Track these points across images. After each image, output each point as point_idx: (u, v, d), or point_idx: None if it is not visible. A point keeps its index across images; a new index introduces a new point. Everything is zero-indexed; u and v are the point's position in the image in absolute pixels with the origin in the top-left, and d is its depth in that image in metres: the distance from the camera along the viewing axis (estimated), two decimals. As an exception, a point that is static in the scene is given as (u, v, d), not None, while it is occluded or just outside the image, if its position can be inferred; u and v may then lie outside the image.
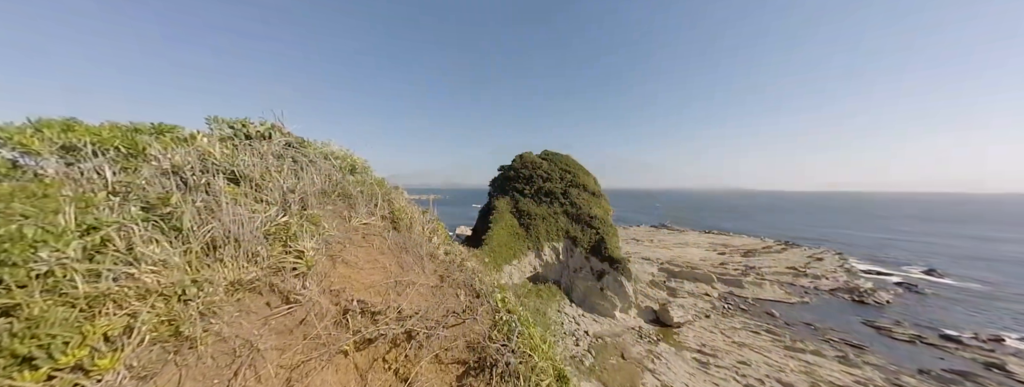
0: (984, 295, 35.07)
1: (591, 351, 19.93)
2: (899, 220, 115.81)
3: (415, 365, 2.05)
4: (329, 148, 3.94)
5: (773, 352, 22.17)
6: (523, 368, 2.56)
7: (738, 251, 53.04)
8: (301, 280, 1.94)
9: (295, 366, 1.56)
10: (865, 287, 35.97)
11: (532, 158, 49.58)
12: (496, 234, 30.79)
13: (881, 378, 19.18)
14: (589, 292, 28.75)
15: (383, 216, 3.51)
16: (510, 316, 3.21)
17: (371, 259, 2.70)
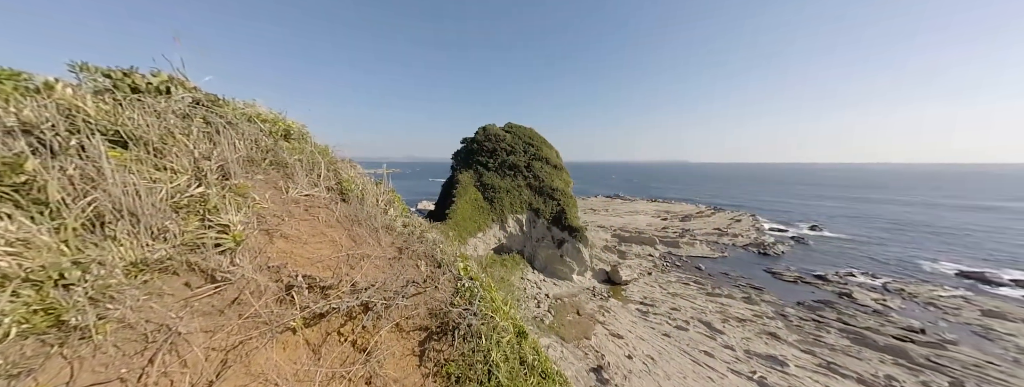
0: (847, 244, 45.53)
1: (551, 311, 22.02)
2: (802, 187, 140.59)
3: (374, 335, 2.04)
4: (254, 109, 3.34)
5: (698, 298, 26.77)
6: (485, 328, 2.70)
7: (677, 216, 60.34)
8: (228, 257, 1.71)
9: (232, 347, 1.43)
10: (768, 242, 44.16)
11: (496, 130, 48.40)
12: (460, 208, 30.63)
13: (772, 310, 24.54)
14: (550, 259, 30.90)
15: (329, 187, 3.19)
16: (472, 283, 3.30)
17: (317, 233, 2.49)
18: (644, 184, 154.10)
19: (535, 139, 46.50)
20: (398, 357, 2.10)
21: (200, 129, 2.48)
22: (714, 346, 19.66)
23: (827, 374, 17.23)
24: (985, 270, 33.84)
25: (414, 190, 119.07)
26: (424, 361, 2.19)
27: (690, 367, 17.18)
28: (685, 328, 21.81)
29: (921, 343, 19.93)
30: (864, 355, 18.89)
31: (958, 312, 24.24)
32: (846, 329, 21.70)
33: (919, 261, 37.87)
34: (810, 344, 20.06)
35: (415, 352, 2.21)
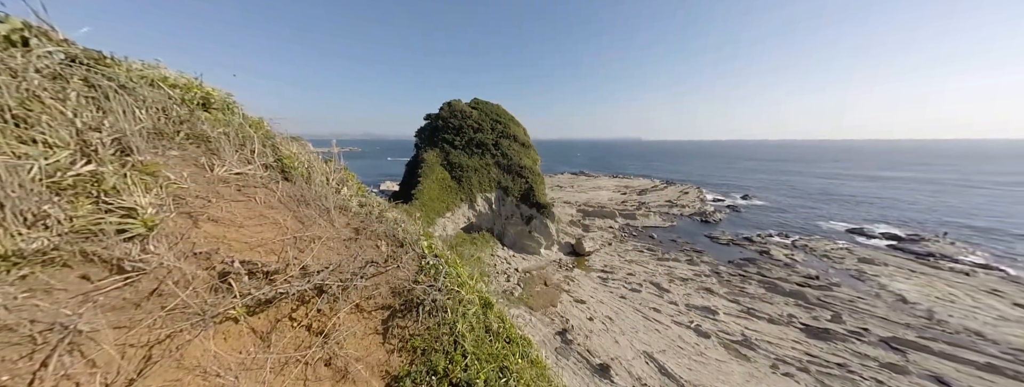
0: (770, 210, 53.24)
1: (520, 284, 23.23)
2: (740, 162, 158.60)
3: (331, 318, 1.97)
4: (157, 72, 2.75)
5: (650, 263, 29.99)
6: (450, 302, 2.75)
7: (635, 191, 65.04)
8: (139, 244, 1.48)
9: (157, 341, 1.29)
10: (709, 211, 50.01)
11: (461, 107, 46.24)
12: (427, 188, 29.70)
13: (709, 269, 28.46)
14: (519, 235, 31.91)
15: (266, 165, 2.85)
16: (437, 260, 3.29)
17: (255, 215, 2.24)
18: (607, 161, 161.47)
19: (503, 116, 45.41)
20: (360, 337, 2.08)
21: (81, 93, 1.99)
22: (661, 303, 22.57)
23: (747, 318, 20.92)
24: (863, 226, 42.30)
25: (374, 170, 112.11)
26: (388, 338, 2.20)
27: (642, 322, 19.67)
28: (638, 290, 24.56)
29: (815, 287, 24.84)
30: (774, 300, 23.12)
31: (842, 261, 30.31)
32: (763, 280, 26.13)
33: (819, 222, 46.01)
34: (736, 295, 23.94)
35: (378, 330, 2.20)
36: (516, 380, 2.44)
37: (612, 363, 15.11)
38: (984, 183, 79.55)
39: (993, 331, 18.97)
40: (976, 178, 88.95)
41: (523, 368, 2.72)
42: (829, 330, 19.35)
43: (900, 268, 28.27)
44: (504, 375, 2.49)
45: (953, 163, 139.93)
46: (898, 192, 68.35)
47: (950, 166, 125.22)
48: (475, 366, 2.33)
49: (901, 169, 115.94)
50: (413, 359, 2.19)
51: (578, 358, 15.36)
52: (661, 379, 14.50)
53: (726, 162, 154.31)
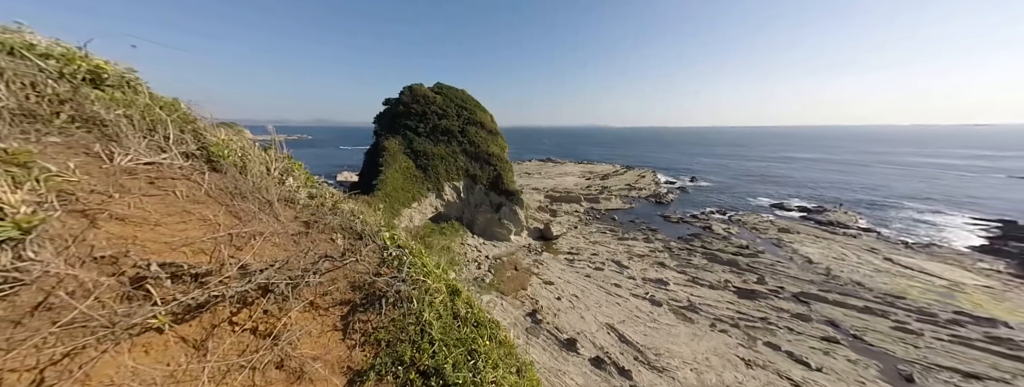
0: (713, 190, 59.64)
1: (491, 270, 23.62)
2: (691, 146, 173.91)
3: (281, 318, 1.83)
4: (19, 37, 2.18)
5: (611, 243, 32.24)
6: (416, 292, 2.71)
7: (598, 176, 68.35)
8: (9, 251, 1.21)
9: (51, 362, 1.10)
10: (662, 192, 54.60)
11: (424, 91, 43.79)
12: (390, 178, 28.18)
13: (661, 245, 31.43)
14: (489, 223, 32.05)
15: (187, 153, 2.47)
16: (400, 251, 3.19)
17: (177, 211, 1.96)
18: (572, 148, 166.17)
19: (468, 102, 43.96)
20: (316, 335, 1.97)
21: None
22: (621, 279, 24.62)
23: (692, 286, 23.75)
24: (782, 201, 49.56)
25: (327, 159, 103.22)
26: (349, 334, 2.12)
27: (604, 298, 21.35)
28: (602, 268, 26.42)
29: (745, 255, 28.83)
30: (714, 268, 26.46)
31: (766, 231, 35.38)
32: (705, 252, 29.64)
33: (749, 199, 52.90)
34: (684, 266, 26.92)
35: (337, 327, 2.11)
36: (484, 361, 2.51)
37: (578, 337, 16.34)
38: (871, 162, 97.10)
39: (870, 281, 23.92)
40: (866, 158, 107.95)
41: (491, 349, 2.80)
42: (755, 290, 22.84)
43: (808, 235, 33.88)
44: (473, 357, 2.56)
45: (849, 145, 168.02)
46: (808, 171, 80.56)
47: (846, 148, 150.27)
48: (443, 352, 2.35)
49: (811, 151, 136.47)
50: (377, 352, 2.14)
51: (547, 335, 16.34)
52: (621, 346, 16.09)
53: (678, 147, 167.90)
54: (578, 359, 14.84)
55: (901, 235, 34.96)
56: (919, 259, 27.74)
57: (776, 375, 14.56)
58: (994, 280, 24.08)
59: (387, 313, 2.43)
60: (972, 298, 21.50)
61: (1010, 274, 25.24)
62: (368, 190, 26.28)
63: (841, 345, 17.00)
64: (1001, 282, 23.81)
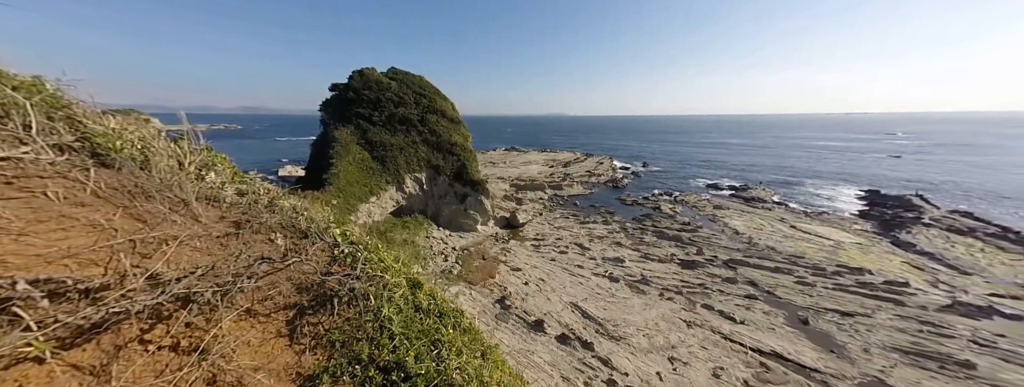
0: (662, 174, 65.58)
1: (458, 262, 23.52)
2: (644, 134, 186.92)
3: (210, 330, 1.64)
4: None
5: (574, 227, 33.98)
6: (373, 289, 2.60)
7: (561, 163, 70.60)
8: None
9: None
10: (618, 177, 58.49)
11: (377, 77, 40.42)
12: (343, 171, 25.99)
13: (618, 226, 33.97)
14: (454, 214, 31.54)
15: (63, 146, 2.02)
16: (353, 247, 3.02)
17: (49, 217, 1.61)
18: (536, 136, 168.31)
19: (427, 89, 41.65)
20: (257, 344, 1.81)
21: None
22: (583, 260, 26.26)
23: (644, 261, 26.28)
24: (716, 181, 56.44)
25: (265, 152, 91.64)
26: (297, 339, 1.98)
27: (569, 279, 22.66)
28: (565, 252, 27.85)
29: (687, 231, 32.53)
30: (662, 244, 29.50)
31: (704, 209, 40.16)
32: (655, 230, 32.81)
33: (690, 180, 59.29)
34: (637, 244, 29.56)
35: (282, 333, 1.96)
36: (448, 349, 2.54)
37: (545, 317, 17.28)
38: (780, 145, 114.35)
39: (780, 245, 28.75)
40: (777, 142, 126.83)
41: (455, 337, 2.83)
42: (695, 261, 26.08)
43: (735, 210, 39.25)
44: (437, 347, 2.57)
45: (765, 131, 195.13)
46: (736, 155, 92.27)
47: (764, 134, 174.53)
48: (405, 345, 2.32)
49: (738, 137, 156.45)
50: (331, 353, 2.04)
51: (516, 320, 17.00)
52: (584, 322, 17.41)
53: (632, 135, 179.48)
54: (545, 338, 15.76)
55: (802, 206, 42.40)
56: (814, 225, 33.96)
57: (711, 331, 17.08)
58: (863, 238, 30.58)
59: (341, 313, 2.31)
60: (848, 253, 27.16)
61: (874, 232, 32.24)
62: (318, 185, 23.97)
63: (759, 300, 20.44)
64: (867, 239, 30.35)
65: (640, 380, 13.41)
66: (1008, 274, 23.87)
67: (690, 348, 15.57)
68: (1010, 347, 15.99)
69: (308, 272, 2.42)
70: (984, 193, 47.70)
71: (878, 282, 22.40)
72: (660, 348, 15.56)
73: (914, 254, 27.26)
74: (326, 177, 24.69)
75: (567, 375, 13.46)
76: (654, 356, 15.00)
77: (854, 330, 17.38)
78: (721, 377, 13.79)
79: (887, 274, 23.46)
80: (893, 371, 14.43)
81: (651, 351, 15.33)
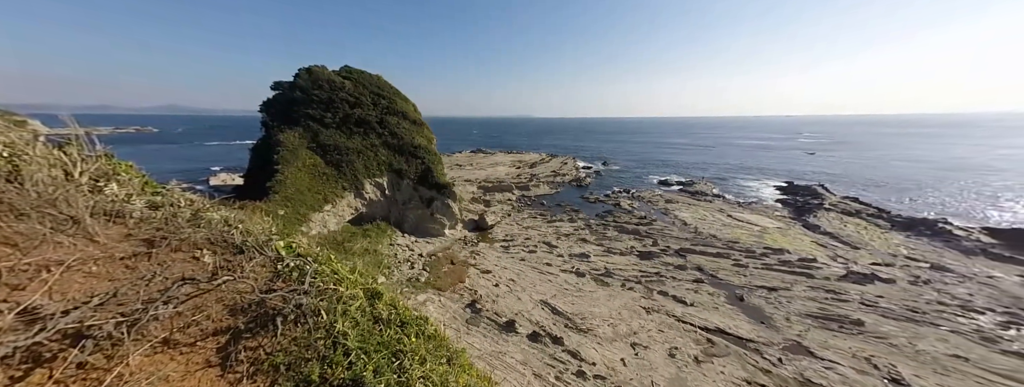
0: (621, 172, 70.11)
1: (426, 268, 22.70)
2: (605, 134, 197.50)
3: (111, 370, 1.41)
4: None
5: (542, 227, 34.77)
6: (325, 303, 2.43)
7: (528, 164, 71.85)
8: None
9: None
10: (582, 177, 61.22)
11: (328, 76, 37.55)
12: (290, 178, 23.63)
13: (583, 223, 35.52)
14: (421, 219, 30.40)
15: None
16: (301, 259, 2.79)
17: None
18: (502, 138, 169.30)
19: (385, 89, 39.67)
20: (178, 379, 1.60)
21: None
22: (552, 258, 26.99)
23: (607, 255, 27.82)
24: (667, 178, 61.94)
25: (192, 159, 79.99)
26: (231, 367, 1.78)
27: (538, 277, 23.11)
28: (534, 251, 28.37)
29: (644, 224, 35.17)
30: (622, 238, 31.50)
31: (657, 203, 43.75)
32: (616, 225, 34.95)
33: (645, 177, 64.31)
34: (600, 240, 31.20)
35: (211, 362, 1.75)
36: (411, 359, 2.47)
37: (516, 317, 17.42)
38: (719, 144, 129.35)
39: (720, 233, 32.42)
40: (716, 141, 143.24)
41: (419, 345, 2.75)
42: (651, 252, 28.29)
43: (684, 203, 43.41)
44: (399, 357, 2.47)
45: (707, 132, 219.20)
46: (683, 154, 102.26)
47: (706, 134, 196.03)
48: (362, 360, 2.20)
49: (684, 137, 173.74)
50: (275, 379, 1.87)
51: (487, 322, 16.89)
52: (553, 318, 17.89)
53: (594, 136, 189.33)
54: (517, 338, 15.88)
55: (736, 197, 48.32)
56: (746, 214, 38.89)
57: (667, 315, 18.64)
58: (782, 223, 35.78)
59: (287, 332, 2.13)
60: (772, 237, 31.58)
61: (790, 217, 37.89)
62: (259, 194, 21.45)
63: (705, 283, 22.82)
64: (785, 223, 35.57)
65: (606, 368, 14.15)
66: (883, 247, 29.63)
67: (649, 333, 16.82)
68: (887, 305, 19.86)
69: (244, 291, 2.19)
70: (866, 182, 58.68)
71: (794, 260, 26.32)
72: (623, 335, 16.57)
73: (819, 234, 32.54)
74: (270, 185, 22.20)
75: (539, 372, 13.70)
76: (618, 344, 15.93)
77: (778, 302, 20.22)
78: (675, 356, 15.10)
79: (800, 252, 27.70)
80: (807, 334, 17.07)
81: (615, 339, 16.25)
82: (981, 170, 66.96)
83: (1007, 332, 17.51)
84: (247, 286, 2.20)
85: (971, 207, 43.10)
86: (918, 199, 47.12)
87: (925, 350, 15.92)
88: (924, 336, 16.98)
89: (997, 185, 53.76)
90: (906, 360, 15.25)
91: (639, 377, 13.77)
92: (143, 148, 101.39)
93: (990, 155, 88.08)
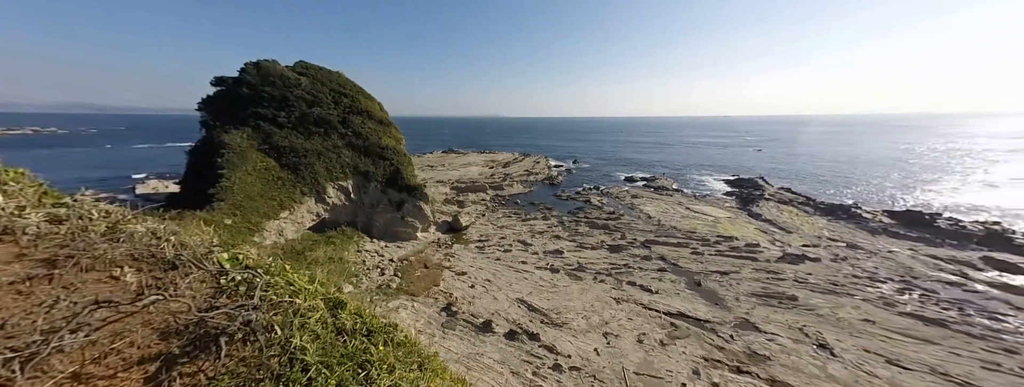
0: (590, 170, 73.03)
1: (398, 274, 21.83)
2: (573, 134, 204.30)
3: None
4: None
5: (516, 225, 35.06)
6: (279, 318, 2.27)
7: (501, 164, 71.94)
8: None
9: None
10: (554, 175, 62.69)
11: (281, 71, 34.63)
12: (239, 183, 21.43)
13: (556, 221, 36.43)
14: (390, 223, 29.15)
15: None
16: (249, 272, 2.57)
17: None
18: (474, 138, 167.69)
19: (348, 87, 37.43)
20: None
21: None
22: (527, 256, 27.34)
23: (579, 250, 28.82)
24: (632, 174, 65.59)
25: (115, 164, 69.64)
26: (163, 395, 1.60)
27: (514, 276, 23.29)
28: (509, 250, 28.53)
29: (613, 219, 36.93)
30: (593, 233, 32.82)
31: (624, 198, 46.17)
32: (587, 221, 36.31)
33: (613, 175, 67.55)
34: (573, 236, 32.21)
35: (137, 392, 1.56)
36: (379, 368, 2.38)
37: (493, 317, 17.41)
38: (677, 143, 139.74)
39: (679, 224, 35.10)
40: (676, 140, 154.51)
41: (387, 353, 2.66)
42: (620, 245, 29.81)
43: (648, 198, 46.31)
44: (365, 368, 2.38)
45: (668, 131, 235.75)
46: (647, 152, 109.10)
47: (667, 133, 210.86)
48: (322, 376, 2.09)
49: (648, 136, 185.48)
50: (219, 404, 1.71)
51: (464, 325, 16.69)
52: (530, 315, 18.16)
53: (565, 135, 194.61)
54: (494, 337, 15.89)
55: (692, 191, 52.70)
56: (701, 206, 42.48)
57: (635, 304, 19.79)
58: (731, 213, 39.63)
59: (233, 353, 1.95)
60: (723, 226, 34.87)
61: (737, 208, 42.09)
62: (201, 203, 19.16)
63: (668, 272, 24.59)
64: (734, 213, 39.46)
65: (581, 359, 14.68)
66: (811, 230, 34.00)
67: (620, 322, 17.73)
68: (814, 281, 22.86)
69: (179, 311, 1.97)
70: (798, 174, 67.36)
71: (742, 246, 29.25)
72: (596, 326, 17.29)
73: (761, 222, 36.50)
74: (214, 192, 19.91)
75: (516, 369, 13.83)
76: (592, 334, 16.59)
77: (729, 285, 22.37)
78: (643, 342, 16.09)
79: (746, 239, 30.86)
80: (753, 311, 19.10)
81: (589, 331, 16.91)
82: (886, 162, 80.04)
83: (902, 297, 21.03)
84: (182, 305, 1.98)
85: (877, 193, 51.21)
86: (836, 188, 55.03)
87: (844, 317, 18.56)
88: (843, 305, 19.80)
89: (895, 176, 64.46)
90: (830, 327, 17.68)
91: (611, 364, 14.46)
92: (46, 152, 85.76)
93: (894, 150, 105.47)
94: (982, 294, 21.57)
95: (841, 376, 14.20)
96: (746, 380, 13.96)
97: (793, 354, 15.49)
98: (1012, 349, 16.10)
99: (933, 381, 14.10)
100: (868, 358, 15.32)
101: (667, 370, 14.23)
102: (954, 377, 14.28)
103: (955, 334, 17.24)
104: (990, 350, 16.00)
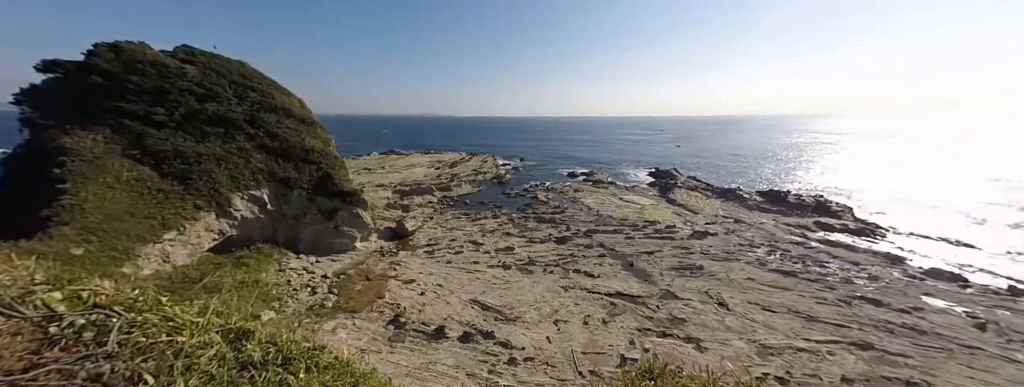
0: (536, 167, 76.24)
1: (333, 290, 19.62)
2: (519, 132, 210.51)
3: None
4: None
5: (467, 226, 34.64)
6: (151, 364, 1.92)
7: (447, 164, 69.89)
8: None
9: None
10: (502, 173, 63.63)
11: (156, 57, 27.86)
12: (93, 200, 16.58)
13: (507, 219, 37.15)
14: (321, 235, 25.97)
15: None
16: (99, 312, 2.10)
17: None
18: (416, 138, 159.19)
19: (255, 79, 31.92)
20: None
21: None
22: (479, 255, 27.29)
23: (530, 245, 29.96)
24: (573, 170, 70.76)
25: None
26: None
27: (466, 277, 23.04)
28: (461, 251, 28.08)
29: (558, 213, 39.30)
30: (541, 228, 34.45)
31: (567, 193, 49.53)
32: (536, 216, 37.92)
33: (556, 171, 71.94)
34: (523, 232, 33.29)
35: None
36: (303, 396, 2.20)
37: (445, 322, 17.01)
38: (609, 140, 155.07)
39: (614, 213, 39.29)
40: (608, 137, 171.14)
41: (309, 381, 2.46)
42: (565, 237, 31.97)
43: (588, 191, 50.53)
44: (284, 400, 2.17)
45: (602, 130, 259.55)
46: (584, 148, 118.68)
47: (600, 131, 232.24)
48: (219, 422, 1.85)
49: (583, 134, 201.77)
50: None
51: (414, 335, 15.92)
52: (483, 314, 18.27)
53: (510, 134, 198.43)
54: (448, 343, 15.55)
55: (624, 182, 59.55)
56: (631, 195, 48.20)
57: (581, 290, 21.54)
58: (654, 200, 45.99)
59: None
60: (648, 212, 40.28)
61: (658, 195, 49.05)
62: (29, 228, 14.22)
63: (607, 257, 27.35)
64: (656, 200, 45.86)
65: (535, 349, 15.40)
66: (710, 210, 41.49)
67: (568, 308, 19.09)
68: (714, 252, 28.07)
69: (-25, 376, 1.51)
70: (702, 165, 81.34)
71: (663, 227, 34.14)
72: (547, 316, 18.30)
73: (676, 206, 43.10)
74: (50, 213, 14.95)
75: (472, 371, 13.82)
76: (544, 324, 17.51)
77: (654, 263, 25.98)
78: (588, 323, 17.66)
79: (666, 221, 36.13)
80: (673, 282, 22.59)
81: (541, 321, 17.81)
82: (763, 154, 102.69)
83: (769, 257, 27.32)
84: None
85: (755, 178, 65.58)
86: (728, 175, 68.74)
87: (734, 278, 23.25)
88: (733, 269, 24.77)
89: (770, 165, 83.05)
90: (725, 287, 21.95)
91: (562, 349, 15.50)
92: None
93: (771, 144, 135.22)
94: (814, 249, 29.49)
95: (734, 325, 17.79)
96: (670, 342, 16.45)
97: (702, 314, 18.79)
98: (833, 286, 22.37)
99: (791, 318, 18.68)
100: (751, 308, 19.50)
101: (609, 345, 15.87)
102: (801, 312, 19.16)
103: (801, 281, 23.14)
104: (820, 289, 21.92)
